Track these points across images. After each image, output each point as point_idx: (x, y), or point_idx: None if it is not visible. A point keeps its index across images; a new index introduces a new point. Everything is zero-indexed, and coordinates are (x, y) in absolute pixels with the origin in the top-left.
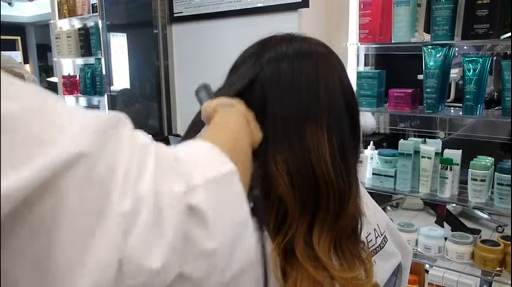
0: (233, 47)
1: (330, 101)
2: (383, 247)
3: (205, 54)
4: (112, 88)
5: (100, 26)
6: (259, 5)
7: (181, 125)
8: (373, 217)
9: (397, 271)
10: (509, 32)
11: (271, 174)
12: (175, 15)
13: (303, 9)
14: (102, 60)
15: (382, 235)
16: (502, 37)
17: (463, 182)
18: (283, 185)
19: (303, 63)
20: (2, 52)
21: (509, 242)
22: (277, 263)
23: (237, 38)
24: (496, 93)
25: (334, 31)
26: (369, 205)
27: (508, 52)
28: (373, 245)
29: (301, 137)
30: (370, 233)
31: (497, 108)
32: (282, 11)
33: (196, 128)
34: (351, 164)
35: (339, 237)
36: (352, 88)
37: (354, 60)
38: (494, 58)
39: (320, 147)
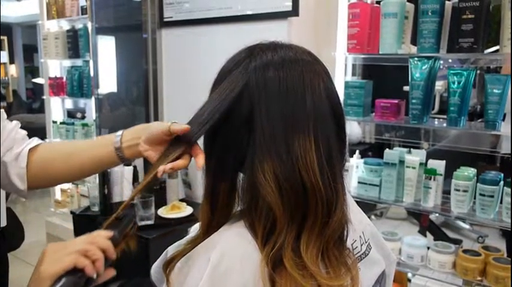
0: (222, 53)
1: (316, 108)
2: (368, 254)
3: (194, 60)
4: (99, 91)
5: (89, 28)
6: (249, 12)
7: None
8: (359, 224)
9: (381, 279)
10: (492, 47)
11: (259, 183)
12: (165, 19)
13: (292, 18)
14: (91, 62)
15: (366, 242)
16: (485, 51)
17: (446, 193)
18: (271, 194)
19: (288, 72)
20: None
21: (490, 253)
22: (265, 272)
23: (227, 44)
24: (478, 106)
25: (322, 40)
26: (355, 212)
27: (491, 66)
28: (358, 252)
29: (288, 146)
30: (355, 240)
31: (480, 120)
32: (271, 19)
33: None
34: (338, 170)
35: (326, 244)
36: (337, 95)
37: (342, 69)
38: (478, 72)
39: (308, 155)
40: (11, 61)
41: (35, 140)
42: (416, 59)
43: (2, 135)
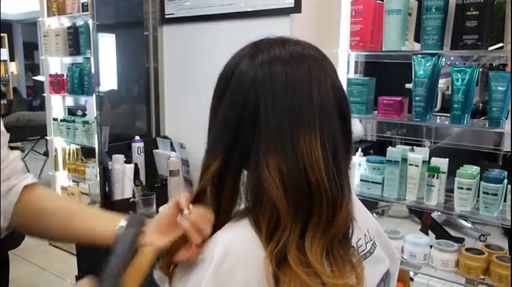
0: (224, 50)
1: (322, 104)
2: (372, 253)
3: (196, 57)
4: (100, 88)
5: (90, 25)
6: (251, 9)
7: (169, 127)
8: (364, 222)
9: (386, 277)
10: (496, 44)
11: (264, 179)
12: (166, 16)
13: (295, 15)
14: (92, 59)
15: (371, 240)
16: (489, 49)
17: (449, 191)
18: (275, 190)
19: (295, 67)
20: None
21: (493, 251)
22: (269, 269)
23: (228, 41)
24: (481, 104)
25: (325, 37)
26: (360, 210)
27: (494, 64)
28: (363, 251)
29: (293, 142)
30: (360, 239)
31: (483, 118)
32: (274, 16)
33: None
34: (343, 168)
35: (330, 242)
36: (344, 92)
37: (345, 66)
38: (481, 69)
39: (313, 151)
40: (11, 58)
41: (30, 177)
42: (419, 56)
43: (5, 162)
